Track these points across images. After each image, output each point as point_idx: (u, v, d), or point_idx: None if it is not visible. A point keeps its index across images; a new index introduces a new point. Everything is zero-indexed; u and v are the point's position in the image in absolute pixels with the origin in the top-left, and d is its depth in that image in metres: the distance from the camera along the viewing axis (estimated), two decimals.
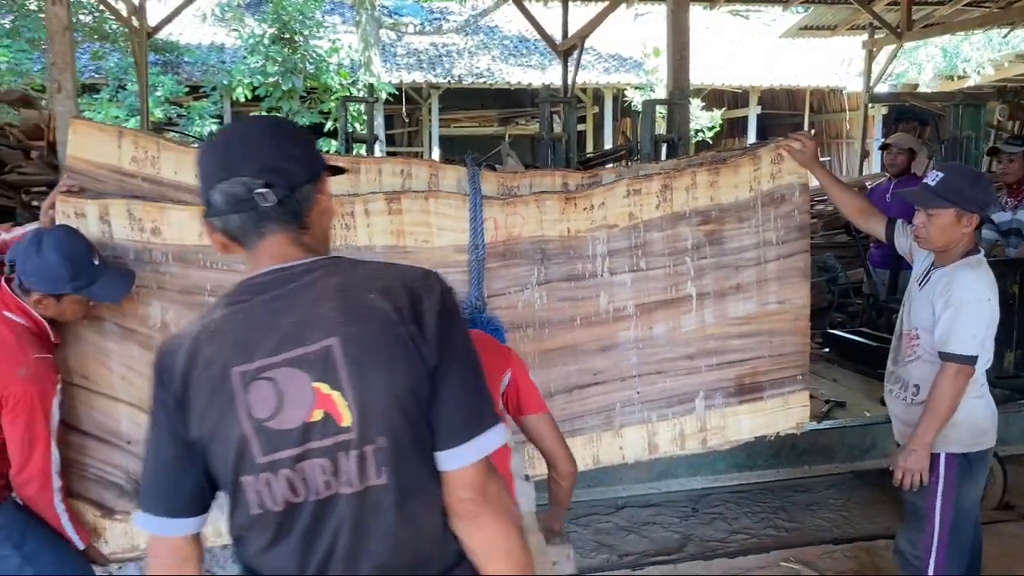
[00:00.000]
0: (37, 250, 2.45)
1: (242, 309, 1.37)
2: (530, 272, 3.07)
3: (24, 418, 2.41)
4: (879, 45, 11.48)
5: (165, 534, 1.40)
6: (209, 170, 1.40)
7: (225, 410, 1.32)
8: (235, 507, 1.37)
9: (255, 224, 1.38)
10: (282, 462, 1.32)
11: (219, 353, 1.33)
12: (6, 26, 12.18)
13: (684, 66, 5.04)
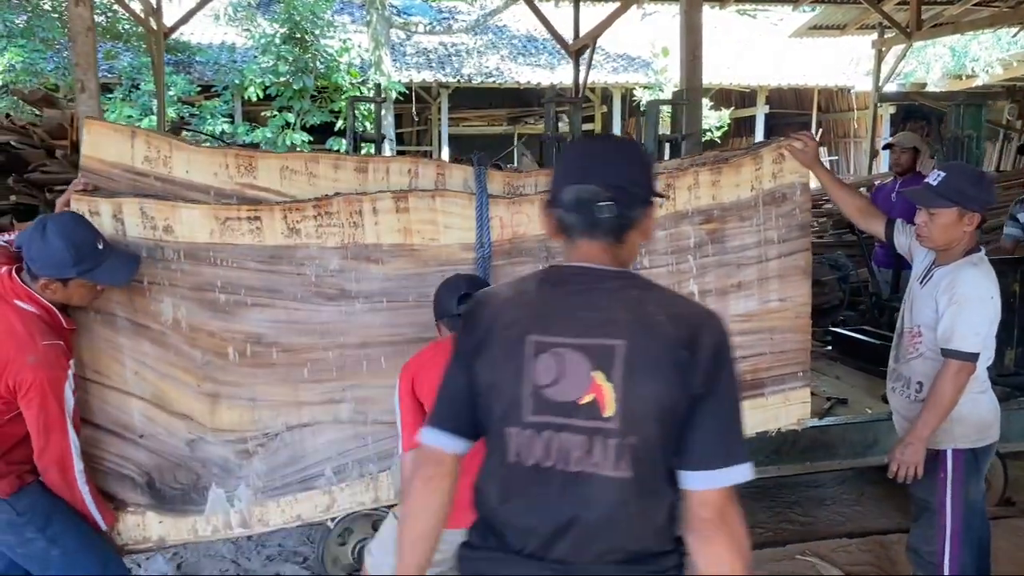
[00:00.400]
0: (42, 236, 2.50)
1: (550, 290, 1.61)
2: (535, 270, 3.11)
3: (37, 403, 2.46)
4: (888, 44, 11.48)
5: (440, 446, 1.64)
6: (569, 169, 1.66)
7: (514, 367, 1.54)
8: (491, 454, 1.61)
9: (586, 226, 1.60)
10: (546, 425, 1.52)
11: (521, 319, 1.58)
12: (20, 26, 12.28)
13: (697, 66, 5.08)
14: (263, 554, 3.94)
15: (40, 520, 2.55)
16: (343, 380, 2.95)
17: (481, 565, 1.61)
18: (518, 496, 1.56)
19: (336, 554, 3.44)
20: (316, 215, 2.84)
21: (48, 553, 2.57)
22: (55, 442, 2.51)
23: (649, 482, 1.51)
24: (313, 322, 2.89)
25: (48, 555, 2.58)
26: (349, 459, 3.00)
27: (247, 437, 2.90)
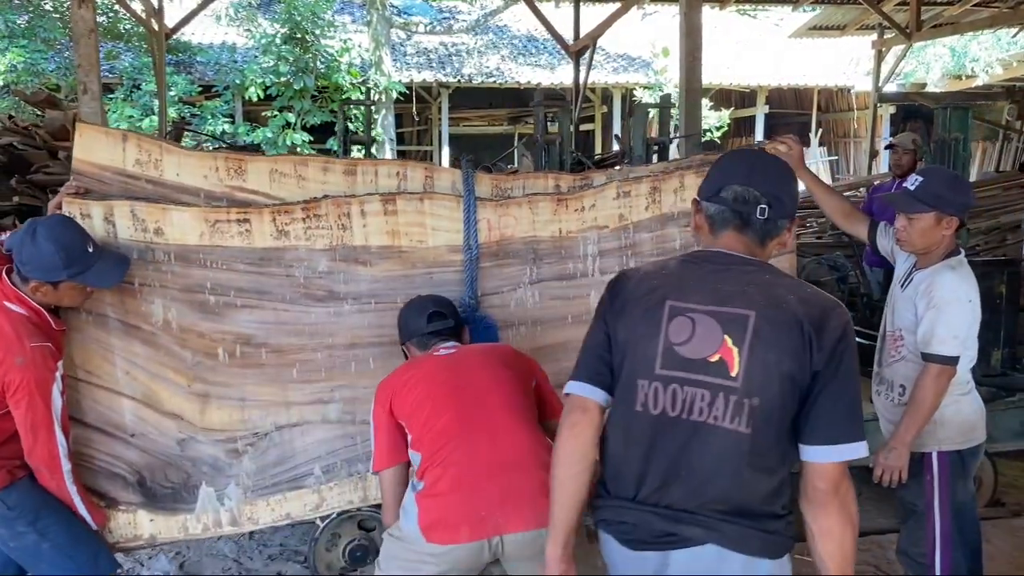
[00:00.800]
0: (32, 240, 2.53)
1: (689, 267, 1.81)
2: (523, 272, 3.14)
3: (25, 403, 2.50)
4: (888, 45, 11.49)
5: (588, 396, 1.80)
6: (733, 171, 1.83)
7: (651, 326, 1.74)
8: (619, 404, 1.77)
9: (737, 225, 1.80)
10: (675, 379, 1.70)
11: (661, 286, 1.78)
12: (22, 26, 12.32)
13: (696, 66, 5.09)
14: (265, 553, 3.97)
15: (30, 514, 2.59)
16: (332, 380, 2.98)
17: (606, 512, 1.80)
18: (638, 443, 1.73)
19: (328, 559, 3.48)
20: (305, 217, 2.88)
21: (39, 547, 2.61)
22: (42, 442, 2.55)
23: (763, 443, 1.66)
24: (302, 323, 2.93)
25: (39, 549, 2.61)
26: (338, 458, 3.04)
27: (237, 437, 2.94)
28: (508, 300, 3.14)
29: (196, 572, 3.84)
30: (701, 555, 1.68)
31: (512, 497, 2.30)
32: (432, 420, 2.41)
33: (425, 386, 2.47)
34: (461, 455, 2.35)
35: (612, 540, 1.78)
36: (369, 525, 3.47)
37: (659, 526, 1.71)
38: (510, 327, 3.15)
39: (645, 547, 1.73)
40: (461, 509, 2.31)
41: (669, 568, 1.70)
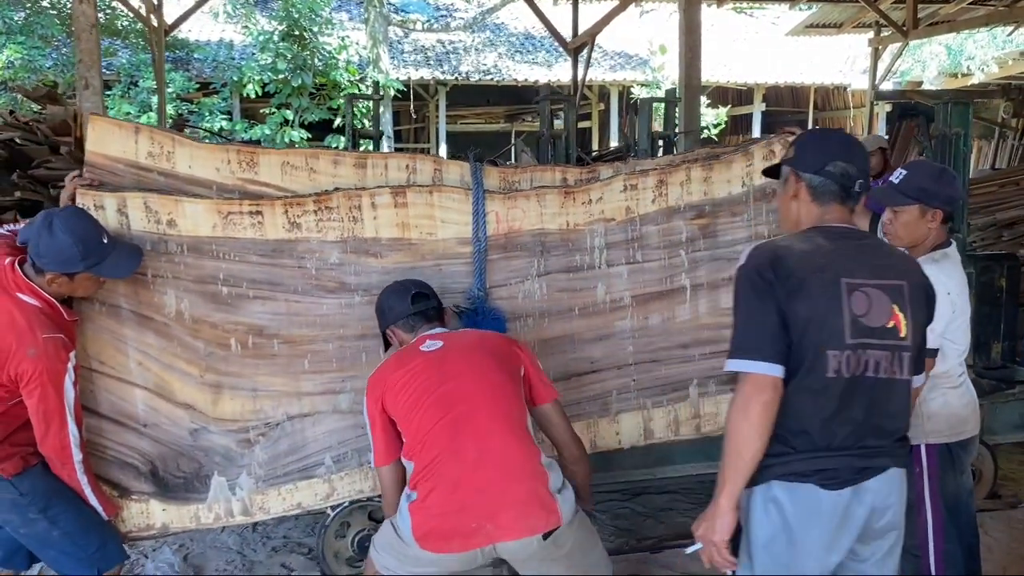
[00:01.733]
0: (49, 232, 2.54)
1: (834, 242, 2.05)
2: (530, 264, 3.17)
3: (38, 394, 2.52)
4: (885, 43, 11.56)
5: (776, 375, 1.97)
6: (835, 148, 2.12)
7: (833, 302, 1.98)
8: (808, 372, 1.98)
9: (839, 198, 2.11)
10: (862, 345, 1.99)
11: (829, 265, 2.01)
12: (19, 22, 12.30)
13: (695, 63, 5.13)
14: (268, 545, 3.99)
15: (42, 501, 2.61)
16: (343, 371, 3.01)
17: (798, 465, 2.01)
18: (830, 402, 1.99)
19: (336, 548, 3.50)
20: (316, 210, 2.91)
21: (49, 534, 2.63)
22: (54, 433, 2.57)
23: (908, 382, 2.09)
24: (313, 314, 2.96)
25: (49, 536, 2.63)
26: (348, 448, 3.06)
27: (249, 427, 2.96)
28: (516, 292, 3.17)
29: (200, 564, 3.86)
30: (886, 478, 2.05)
31: (503, 507, 2.37)
32: (422, 431, 2.45)
33: (414, 391, 2.49)
34: (451, 468, 2.40)
35: (806, 487, 2.00)
36: (379, 515, 3.50)
37: (857, 464, 2.02)
38: (517, 319, 3.18)
39: (845, 484, 2.01)
40: (452, 522, 2.38)
41: (862, 495, 2.02)
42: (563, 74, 14.91)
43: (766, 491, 2.04)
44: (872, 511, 2.04)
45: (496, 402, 2.49)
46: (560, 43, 9.98)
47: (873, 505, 2.04)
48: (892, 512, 2.08)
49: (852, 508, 2.02)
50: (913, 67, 16.36)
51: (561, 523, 2.40)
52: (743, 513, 2.09)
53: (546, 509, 2.39)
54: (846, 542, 2.04)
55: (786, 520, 2.02)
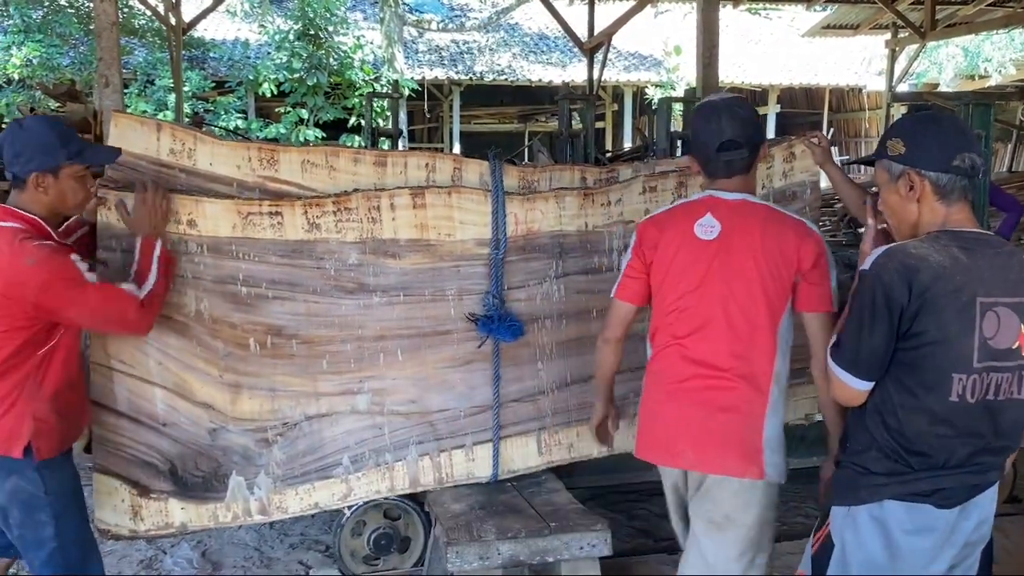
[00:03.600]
0: (20, 128, 2.43)
1: (975, 255, 1.91)
2: (549, 265, 3.16)
3: (66, 297, 2.38)
4: (902, 44, 11.48)
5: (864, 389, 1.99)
6: (958, 139, 1.96)
7: (966, 325, 1.87)
8: (929, 393, 1.91)
9: (963, 192, 1.96)
10: (989, 368, 1.90)
11: (966, 284, 1.87)
12: (37, 21, 12.39)
13: (713, 64, 5.12)
14: (286, 542, 4.01)
15: (59, 506, 2.53)
16: (361, 372, 3.01)
17: (918, 485, 1.96)
18: (950, 424, 1.92)
19: (353, 546, 3.51)
20: (336, 210, 2.91)
21: (48, 540, 2.51)
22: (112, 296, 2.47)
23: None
24: (332, 315, 2.96)
25: (47, 542, 2.52)
26: (366, 448, 3.07)
27: (267, 426, 2.97)
28: (534, 294, 3.17)
29: (218, 560, 3.88)
30: (991, 492, 2.02)
31: (714, 439, 2.38)
32: (671, 317, 2.43)
33: (679, 272, 2.41)
34: (682, 374, 2.42)
35: (923, 507, 1.96)
36: (394, 514, 3.50)
37: (970, 481, 1.97)
38: (535, 320, 3.18)
39: (957, 503, 1.97)
40: (662, 431, 2.48)
41: (970, 509, 1.99)
42: (577, 74, 14.90)
43: (875, 510, 2.00)
44: (977, 524, 2.02)
45: (757, 326, 2.37)
46: (576, 43, 9.96)
47: (979, 519, 2.02)
48: (989, 523, 2.06)
49: (960, 523, 1.99)
50: (929, 69, 16.27)
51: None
52: (837, 530, 2.06)
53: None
54: (948, 556, 2.01)
55: (891, 538, 1.99)
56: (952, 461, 1.95)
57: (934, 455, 1.95)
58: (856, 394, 2.00)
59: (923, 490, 1.96)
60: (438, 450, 3.12)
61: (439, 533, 2.94)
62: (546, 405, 3.23)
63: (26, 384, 2.44)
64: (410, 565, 3.53)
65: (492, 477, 3.18)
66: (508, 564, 2.79)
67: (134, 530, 2.91)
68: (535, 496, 3.08)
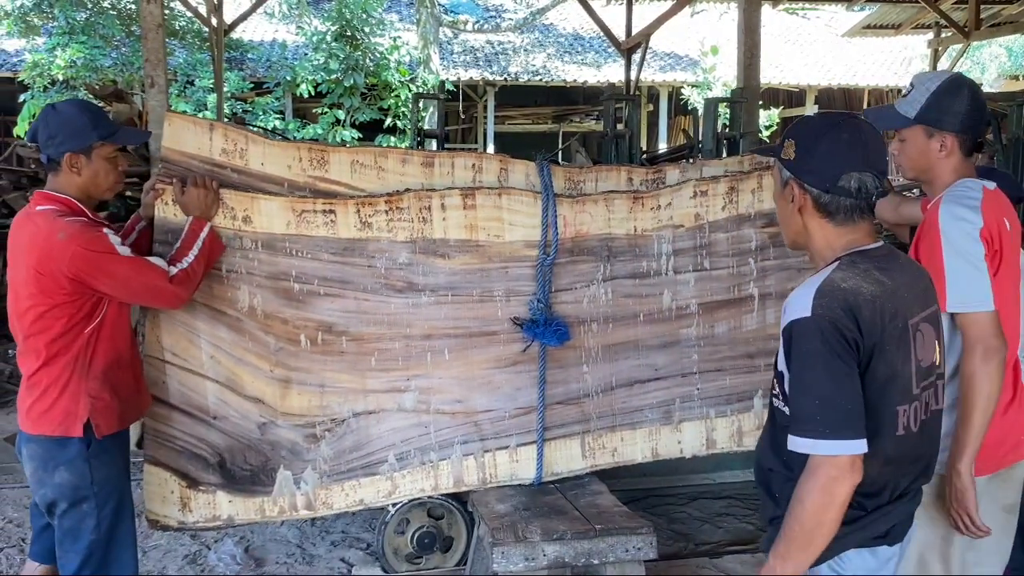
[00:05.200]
0: (54, 110, 2.53)
1: (893, 274, 1.75)
2: (596, 268, 3.16)
3: (97, 264, 2.44)
4: (945, 44, 11.28)
5: (861, 452, 1.66)
6: (850, 155, 1.73)
7: (905, 353, 1.72)
8: (877, 433, 1.70)
9: (859, 211, 1.76)
10: (922, 390, 1.77)
11: (898, 309, 1.72)
12: (81, 23, 12.60)
13: (755, 64, 5.09)
14: (328, 539, 4.04)
15: (103, 498, 2.55)
16: (408, 370, 3.04)
17: (876, 526, 1.77)
18: (900, 458, 1.76)
19: (396, 544, 3.52)
20: (388, 210, 2.94)
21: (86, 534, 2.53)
22: (150, 274, 2.53)
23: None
24: (381, 313, 2.98)
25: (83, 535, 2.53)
26: (411, 447, 3.09)
27: (315, 422, 3.00)
28: (581, 296, 3.16)
29: (261, 556, 3.92)
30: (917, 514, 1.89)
31: None
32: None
33: (1014, 278, 2.25)
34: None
35: (879, 549, 1.79)
36: (438, 513, 3.51)
37: (911, 509, 1.85)
38: (582, 323, 3.17)
39: (904, 534, 1.83)
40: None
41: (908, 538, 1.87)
42: (612, 75, 14.85)
43: (835, 565, 1.79)
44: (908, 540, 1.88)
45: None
46: (613, 43, 9.92)
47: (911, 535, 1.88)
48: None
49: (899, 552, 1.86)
50: (972, 69, 15.98)
51: None
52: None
53: None
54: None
55: None
56: (896, 493, 1.79)
57: (882, 492, 1.77)
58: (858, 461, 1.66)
59: (880, 531, 1.78)
60: (482, 450, 3.13)
61: (483, 533, 2.94)
62: (590, 408, 3.22)
63: (77, 364, 2.50)
64: (452, 564, 3.54)
65: (536, 479, 3.18)
66: (553, 565, 2.79)
67: (182, 522, 2.95)
68: (579, 498, 3.07)
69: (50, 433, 2.50)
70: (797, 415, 1.70)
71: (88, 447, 2.52)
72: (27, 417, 2.53)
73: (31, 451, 2.55)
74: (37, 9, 12.47)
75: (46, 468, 2.52)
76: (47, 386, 2.49)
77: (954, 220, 2.16)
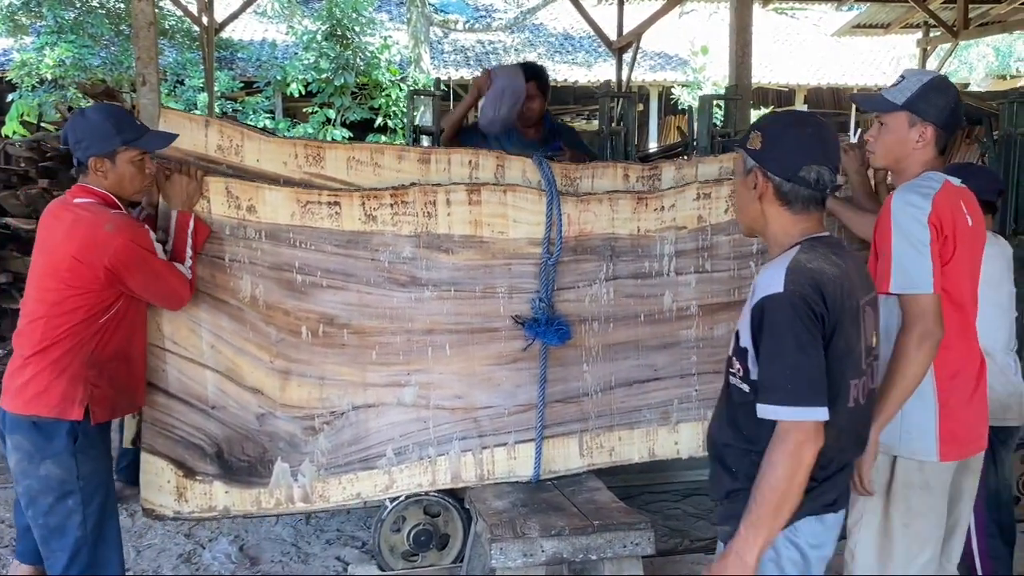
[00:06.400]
0: (82, 115, 2.62)
1: (841, 258, 1.90)
2: (599, 268, 3.17)
3: (139, 261, 2.54)
4: (934, 44, 11.36)
5: (824, 419, 1.81)
6: (812, 150, 1.90)
7: (857, 331, 1.89)
8: (835, 406, 1.84)
9: (815, 202, 1.92)
10: (868, 366, 1.95)
11: (851, 289, 1.87)
12: (70, 21, 12.53)
13: (746, 63, 5.12)
14: (323, 538, 4.03)
15: (89, 493, 2.56)
16: (409, 364, 3.04)
17: (826, 497, 1.92)
18: (848, 430, 1.92)
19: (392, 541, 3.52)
20: (393, 203, 2.94)
21: (72, 531, 2.54)
22: (174, 283, 2.64)
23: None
24: (383, 306, 2.98)
25: (69, 531, 2.54)
26: (410, 441, 3.09)
27: (314, 414, 2.99)
28: (583, 295, 3.18)
29: (256, 555, 3.90)
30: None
31: None
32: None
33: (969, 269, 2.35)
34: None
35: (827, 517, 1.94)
36: (434, 511, 3.51)
37: (847, 480, 2.02)
38: (583, 322, 3.19)
39: (845, 503, 1.98)
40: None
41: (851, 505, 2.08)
42: (603, 74, 14.87)
43: (790, 533, 1.90)
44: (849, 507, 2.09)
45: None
46: (605, 43, 9.92)
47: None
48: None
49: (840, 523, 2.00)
50: (959, 69, 16.12)
51: None
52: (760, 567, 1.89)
53: None
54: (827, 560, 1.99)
55: (805, 557, 1.92)
56: (842, 463, 1.94)
57: (831, 463, 1.89)
58: (818, 431, 1.79)
59: (829, 500, 1.92)
60: (481, 447, 3.14)
61: (481, 529, 2.94)
62: (589, 407, 3.23)
63: (83, 351, 2.54)
64: (449, 562, 3.54)
65: (534, 477, 3.18)
66: (551, 561, 2.79)
67: (178, 511, 2.94)
68: (576, 494, 3.08)
69: (44, 414, 2.51)
70: (768, 384, 1.82)
71: (75, 441, 2.54)
72: (18, 396, 2.53)
73: (16, 442, 2.55)
74: (25, 8, 12.37)
75: (31, 460, 2.52)
76: (46, 367, 2.51)
77: (904, 205, 2.28)
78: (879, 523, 2.38)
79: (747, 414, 1.90)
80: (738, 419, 1.96)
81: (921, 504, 2.32)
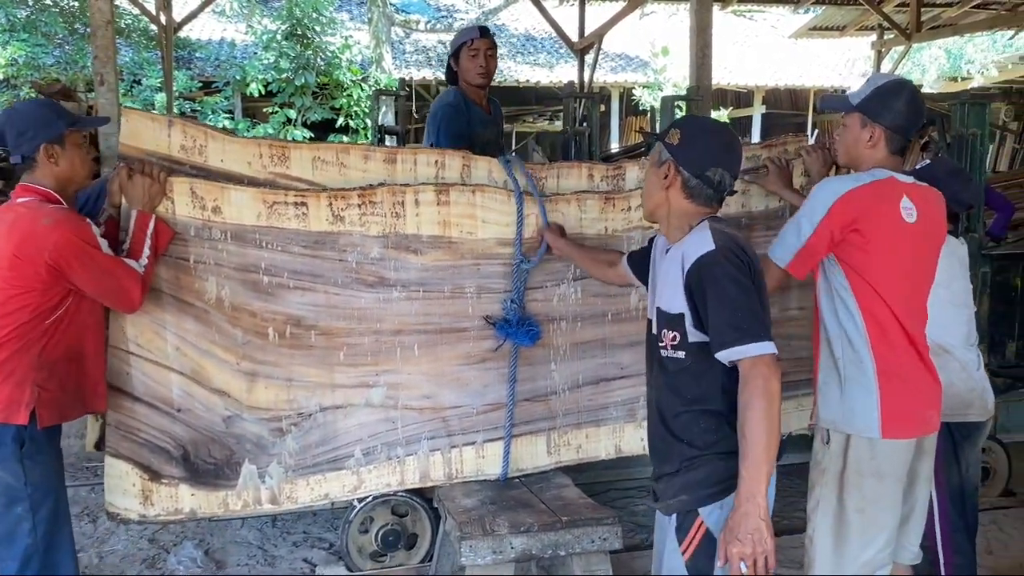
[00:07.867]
0: (14, 111, 2.59)
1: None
2: (567, 267, 3.19)
3: (81, 255, 2.48)
4: (888, 46, 11.61)
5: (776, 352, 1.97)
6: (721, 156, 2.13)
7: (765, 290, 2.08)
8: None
9: (715, 200, 2.17)
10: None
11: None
12: (22, 20, 12.26)
13: (706, 64, 5.17)
14: (289, 540, 4.02)
15: (38, 499, 2.52)
16: (377, 365, 3.03)
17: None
18: None
19: (360, 542, 3.52)
20: (361, 204, 2.92)
21: (22, 538, 2.51)
22: (124, 279, 2.56)
23: None
24: (351, 307, 2.97)
25: (19, 538, 2.51)
26: (378, 442, 3.08)
27: (282, 416, 2.97)
28: (551, 295, 3.20)
29: (222, 559, 3.88)
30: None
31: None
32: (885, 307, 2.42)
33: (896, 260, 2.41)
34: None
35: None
36: (401, 511, 3.52)
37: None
38: (551, 321, 3.21)
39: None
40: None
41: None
42: (564, 75, 14.94)
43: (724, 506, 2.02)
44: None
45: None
46: (567, 44, 9.99)
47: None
48: None
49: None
50: (912, 71, 16.47)
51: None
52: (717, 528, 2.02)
53: None
54: None
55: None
56: None
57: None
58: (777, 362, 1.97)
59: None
60: (449, 446, 3.14)
61: (450, 528, 2.95)
62: (557, 406, 3.25)
63: (29, 353, 2.50)
64: (417, 562, 3.55)
65: (502, 475, 3.20)
66: (521, 558, 2.81)
67: (143, 515, 2.90)
68: (544, 491, 3.10)
69: None
70: (724, 328, 1.96)
71: (22, 447, 2.49)
72: None
73: None
74: None
75: None
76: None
77: (821, 186, 2.49)
78: (834, 509, 2.46)
79: (687, 378, 2.07)
80: (679, 386, 2.09)
81: (874, 490, 2.40)
